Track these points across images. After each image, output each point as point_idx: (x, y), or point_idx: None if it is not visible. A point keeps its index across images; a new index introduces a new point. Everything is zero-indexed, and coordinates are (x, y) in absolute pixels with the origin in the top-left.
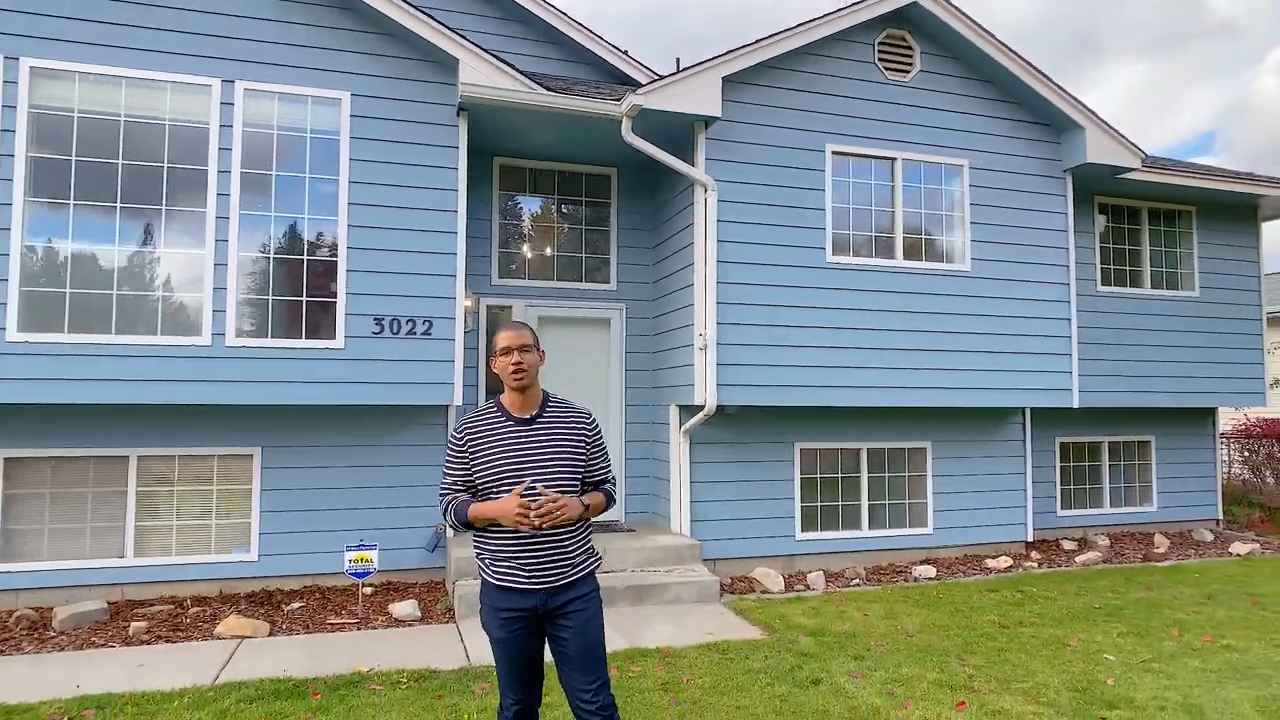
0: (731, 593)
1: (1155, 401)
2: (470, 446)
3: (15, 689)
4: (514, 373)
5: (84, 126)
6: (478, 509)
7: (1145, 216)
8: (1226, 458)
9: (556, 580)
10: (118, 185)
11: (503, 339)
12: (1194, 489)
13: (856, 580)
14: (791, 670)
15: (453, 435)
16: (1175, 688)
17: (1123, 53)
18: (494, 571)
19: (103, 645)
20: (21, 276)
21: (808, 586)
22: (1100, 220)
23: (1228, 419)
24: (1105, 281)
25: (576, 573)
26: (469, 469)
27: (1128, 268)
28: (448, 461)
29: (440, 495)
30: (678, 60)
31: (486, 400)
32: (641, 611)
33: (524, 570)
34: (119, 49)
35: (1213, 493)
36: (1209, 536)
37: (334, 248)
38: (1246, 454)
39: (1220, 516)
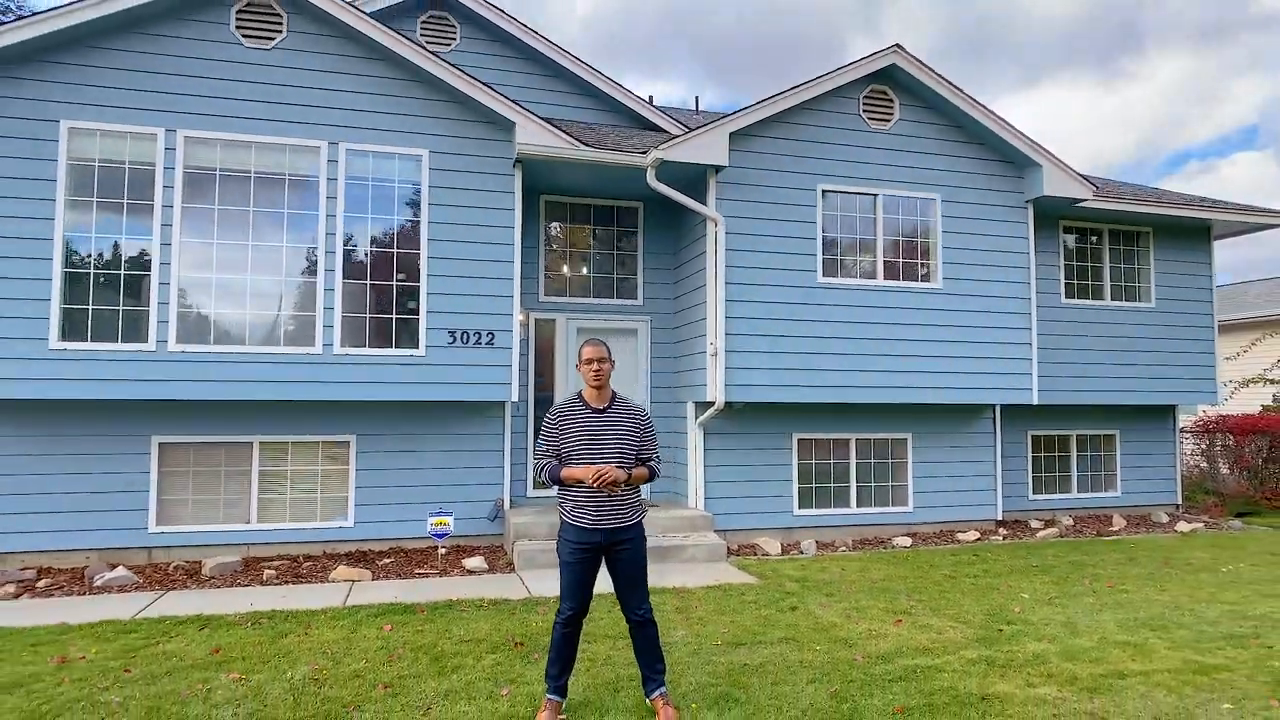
0: (736, 555)
1: (1116, 400)
2: (561, 426)
3: (201, 608)
4: (594, 376)
5: (223, 181)
6: (568, 471)
7: (1106, 237)
8: (1190, 449)
9: (613, 524)
10: (249, 227)
11: (586, 353)
12: (1155, 477)
13: (843, 548)
14: (776, 601)
15: (548, 418)
16: (1065, 613)
17: (1164, 45)
18: (573, 515)
19: (247, 585)
20: (178, 300)
21: (800, 551)
22: (1064, 240)
23: (1200, 414)
24: (1069, 295)
25: (627, 520)
26: (559, 441)
27: (1090, 282)
28: (544, 436)
29: (536, 459)
30: (696, 99)
31: (571, 396)
32: (663, 566)
33: (592, 516)
34: (250, 120)
35: (1172, 480)
36: (1164, 518)
37: (416, 274)
38: (1204, 447)
39: (1179, 502)
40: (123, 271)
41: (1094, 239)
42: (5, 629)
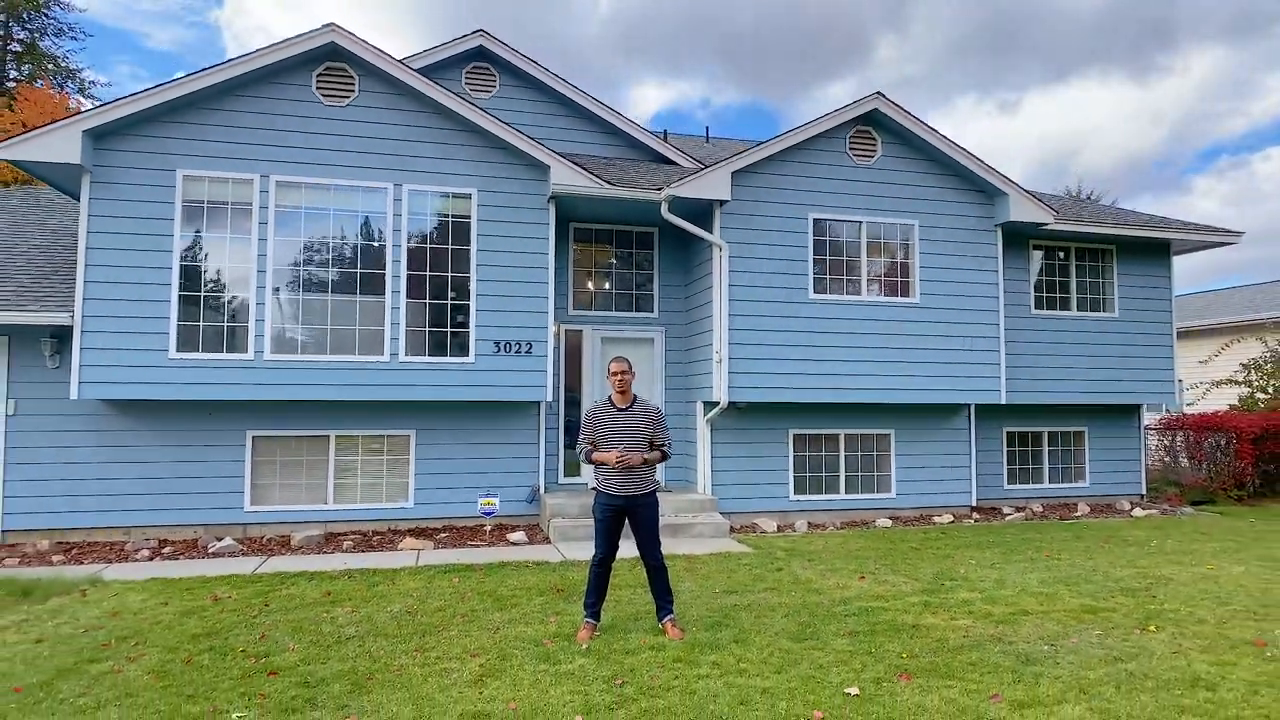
0: (738, 532)
1: (1081, 400)
2: (596, 421)
3: (303, 567)
4: (619, 384)
5: (307, 216)
6: (598, 455)
7: (1072, 254)
8: (1155, 444)
9: (632, 492)
10: (329, 255)
11: (613, 367)
12: (1121, 469)
13: (831, 528)
14: (766, 564)
15: (586, 415)
16: (999, 574)
17: (1197, 38)
18: (604, 485)
19: (330, 553)
20: (272, 318)
21: (794, 530)
22: (1034, 257)
23: (1165, 413)
24: (1038, 306)
25: (642, 490)
26: (594, 432)
27: (1058, 295)
28: (584, 428)
29: (578, 445)
30: (707, 129)
31: (603, 399)
32: (675, 540)
33: (618, 485)
34: (328, 166)
35: (1137, 473)
36: (1127, 506)
37: (466, 293)
38: (1167, 443)
39: (1143, 492)
40: (226, 293)
41: (1061, 255)
42: (161, 578)
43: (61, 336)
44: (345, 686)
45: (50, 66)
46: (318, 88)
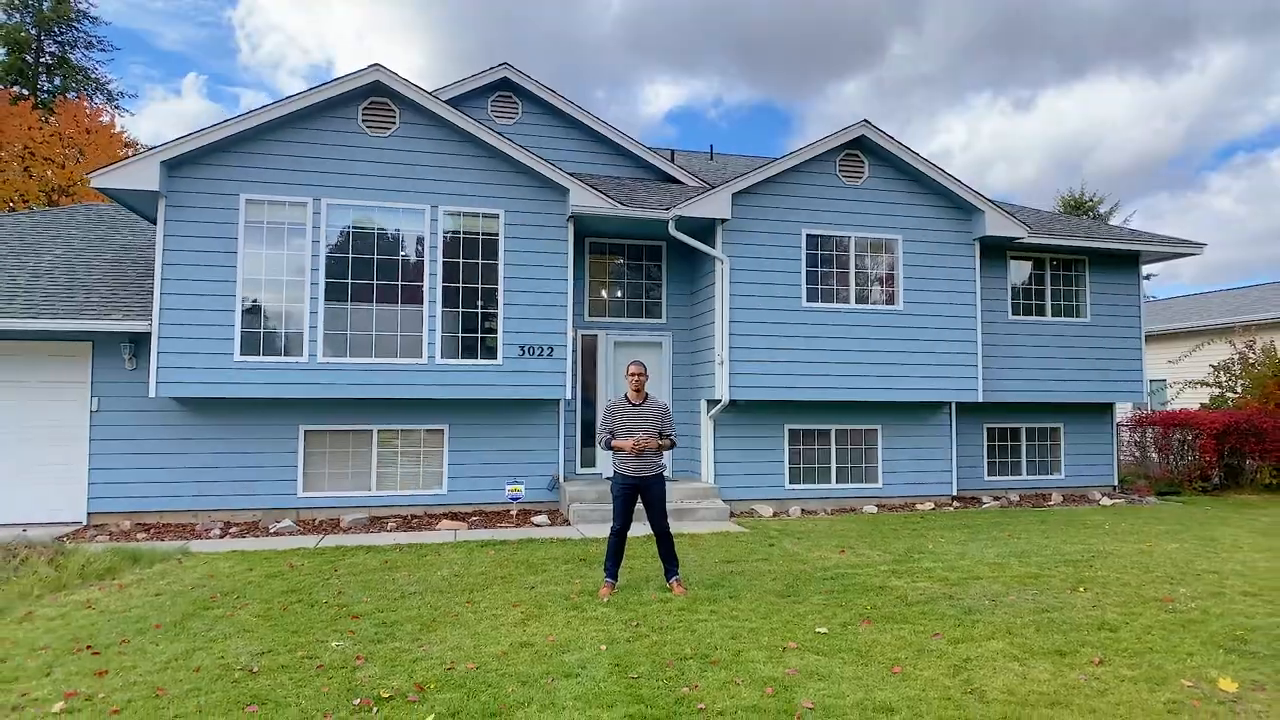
0: (737, 517)
1: (1055, 398)
2: (614, 414)
3: (359, 543)
4: (635, 383)
5: (354, 235)
6: (617, 443)
7: (1047, 264)
8: (1127, 439)
9: (645, 474)
10: (374, 269)
11: (631, 369)
12: (1095, 463)
13: (822, 514)
14: (759, 541)
15: (605, 409)
16: (962, 549)
17: (1214, 34)
18: (621, 467)
19: (377, 533)
20: (323, 325)
21: (788, 515)
22: (1011, 268)
23: (1135, 410)
24: (1015, 312)
25: (653, 471)
26: (612, 423)
27: (1034, 302)
28: (603, 420)
29: (598, 434)
30: (711, 147)
31: (620, 396)
32: (680, 523)
33: (632, 468)
34: (373, 190)
35: (1110, 465)
36: (1098, 496)
37: (494, 303)
38: (1138, 438)
39: (1115, 483)
40: (283, 303)
41: (1036, 265)
42: (239, 551)
43: (138, 341)
44: (415, 626)
45: (81, 78)
46: (363, 120)
